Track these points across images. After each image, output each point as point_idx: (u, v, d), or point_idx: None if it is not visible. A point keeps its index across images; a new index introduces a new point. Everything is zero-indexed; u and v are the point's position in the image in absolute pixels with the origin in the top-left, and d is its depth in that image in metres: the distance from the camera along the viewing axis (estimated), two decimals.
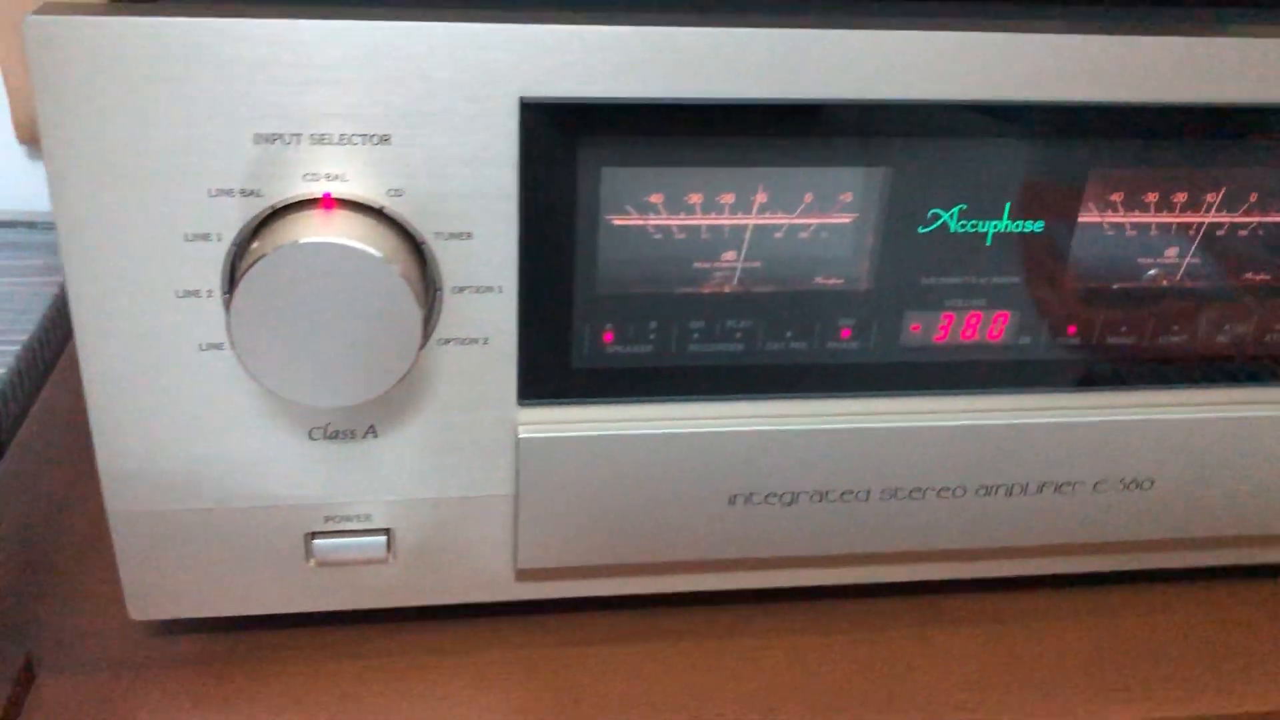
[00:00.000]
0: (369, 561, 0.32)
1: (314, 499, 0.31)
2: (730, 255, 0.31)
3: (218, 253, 0.28)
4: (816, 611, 0.36)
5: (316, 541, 0.32)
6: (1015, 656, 0.35)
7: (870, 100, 0.29)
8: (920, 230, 0.31)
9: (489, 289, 0.29)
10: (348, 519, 0.32)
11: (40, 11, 0.25)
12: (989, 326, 0.32)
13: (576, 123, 0.28)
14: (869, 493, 0.33)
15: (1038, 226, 0.31)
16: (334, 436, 0.30)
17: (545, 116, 0.27)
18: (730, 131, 0.29)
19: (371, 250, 0.26)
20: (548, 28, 0.27)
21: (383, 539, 0.32)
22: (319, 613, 0.33)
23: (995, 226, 0.31)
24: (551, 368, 0.31)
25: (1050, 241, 0.31)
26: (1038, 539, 0.35)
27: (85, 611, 0.35)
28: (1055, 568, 0.36)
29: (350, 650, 0.34)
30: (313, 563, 0.32)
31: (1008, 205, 0.31)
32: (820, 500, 0.33)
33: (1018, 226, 0.31)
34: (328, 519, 0.32)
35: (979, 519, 0.34)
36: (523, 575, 0.33)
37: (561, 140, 0.28)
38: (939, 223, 0.31)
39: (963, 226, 0.31)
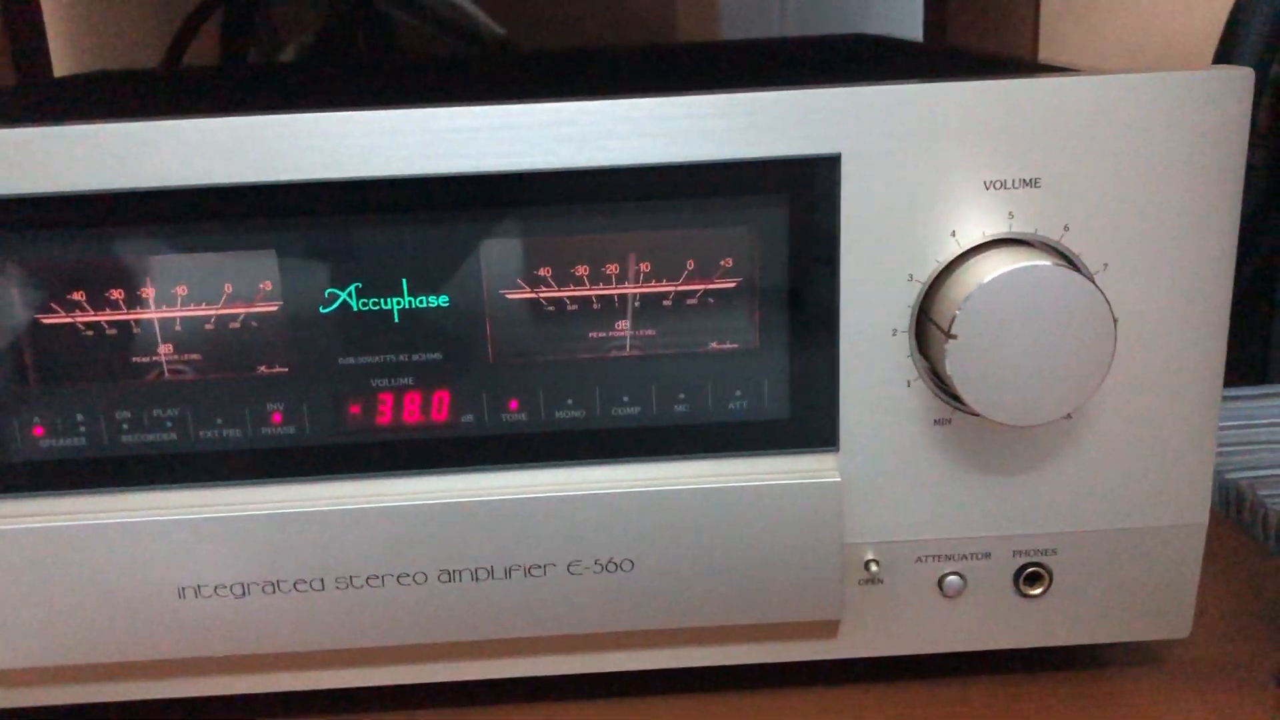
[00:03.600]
0: None
1: None
2: (165, 349, 0.32)
3: None
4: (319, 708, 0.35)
5: None
6: None
7: (229, 183, 0.30)
8: (322, 311, 0.31)
9: None
10: None
11: None
12: (431, 406, 0.32)
13: None
14: (322, 582, 0.33)
15: (443, 300, 0.32)
16: None
17: None
18: (128, 227, 0.30)
19: None
20: None
21: None
22: None
23: (398, 303, 0.31)
24: None
25: (462, 316, 0.32)
26: (518, 630, 0.33)
27: None
28: (559, 668, 0.35)
29: None
30: None
31: (404, 280, 0.31)
32: (273, 592, 0.33)
33: (421, 302, 0.32)
34: None
35: (448, 609, 0.33)
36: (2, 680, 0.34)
37: None
38: (339, 302, 0.31)
39: (367, 305, 0.32)
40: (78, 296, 0.32)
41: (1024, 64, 0.39)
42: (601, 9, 0.78)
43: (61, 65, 0.71)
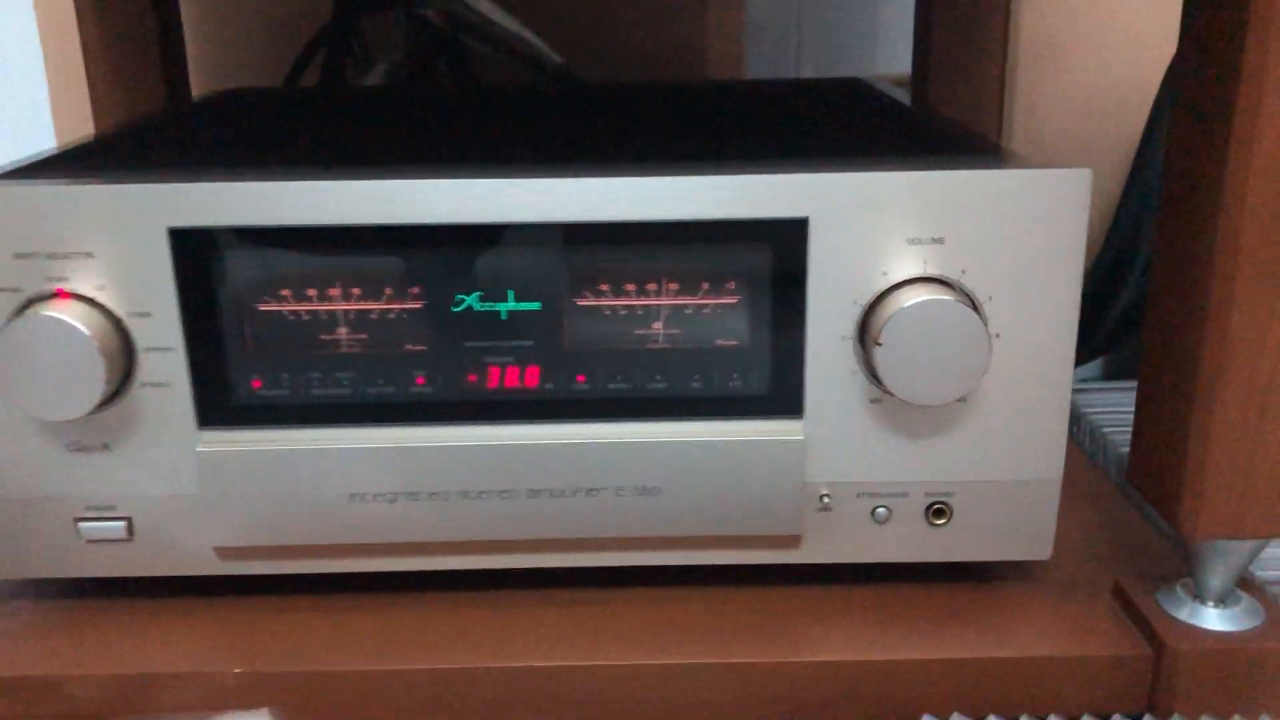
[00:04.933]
0: (115, 540, 0.48)
1: (75, 493, 0.48)
2: (343, 331, 0.47)
3: None
4: (437, 586, 0.50)
5: (80, 524, 0.48)
6: (582, 622, 0.49)
7: (394, 224, 0.45)
8: (454, 310, 0.46)
9: (166, 349, 0.46)
10: (99, 508, 0.48)
11: None
12: (525, 376, 0.47)
13: (208, 243, 0.45)
14: (448, 493, 0.48)
15: (536, 305, 0.46)
16: (82, 449, 0.47)
17: (186, 239, 0.45)
18: (322, 246, 0.45)
19: (68, 318, 0.44)
20: (183, 186, 0.44)
21: (123, 524, 0.48)
22: (99, 580, 0.50)
23: (505, 307, 0.46)
24: (217, 404, 0.47)
25: (549, 316, 0.46)
26: (582, 532, 0.48)
27: None
28: (607, 560, 0.50)
29: (108, 605, 0.50)
30: (83, 541, 0.49)
31: (510, 292, 0.46)
32: (414, 500, 0.48)
33: (521, 306, 0.46)
34: (88, 508, 0.48)
35: (534, 515, 0.48)
36: (223, 555, 0.49)
37: (199, 254, 0.45)
38: (464, 305, 0.46)
39: (485, 307, 0.46)
40: (286, 293, 0.46)
41: (950, 142, 0.53)
42: (643, 46, 0.92)
43: (195, 79, 0.86)
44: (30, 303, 0.45)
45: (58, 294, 0.45)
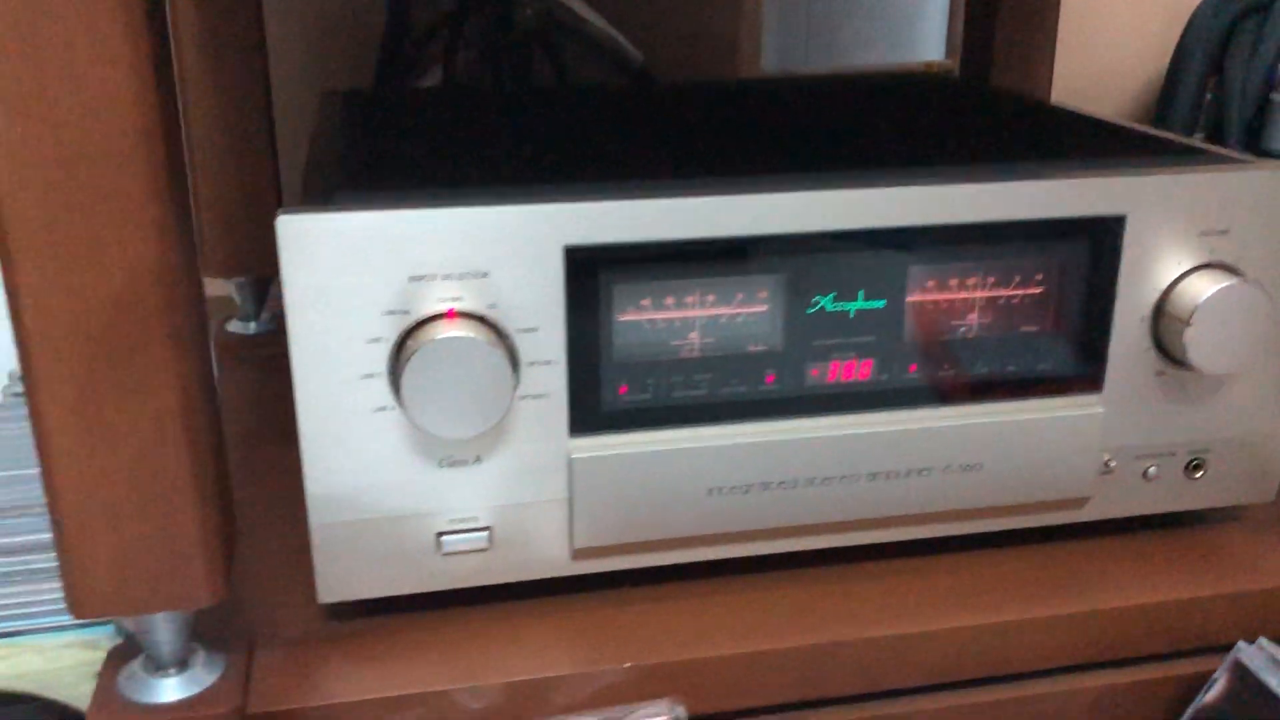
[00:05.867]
0: (475, 550, 0.50)
1: (440, 508, 0.49)
2: (694, 335, 0.50)
3: (385, 349, 0.46)
4: (778, 568, 0.54)
5: (443, 538, 0.49)
6: (915, 591, 0.53)
7: (764, 234, 0.48)
8: (808, 311, 0.50)
9: (548, 362, 0.47)
10: (462, 520, 0.49)
11: (286, 212, 0.44)
12: (859, 370, 0.51)
13: (598, 259, 0.47)
14: (796, 481, 0.51)
15: (881, 304, 0.50)
16: (455, 464, 0.48)
17: (580, 256, 0.46)
18: (686, 259, 0.48)
19: (480, 338, 0.45)
20: (582, 205, 0.46)
21: (485, 534, 0.49)
22: (447, 592, 0.51)
23: (854, 306, 0.50)
24: (589, 411, 0.49)
25: (890, 313, 0.50)
26: (912, 509, 0.53)
27: (284, 601, 0.52)
28: (929, 533, 0.54)
29: (461, 615, 0.51)
30: (441, 554, 0.49)
31: (861, 292, 0.50)
32: (765, 489, 0.51)
33: (869, 305, 0.50)
34: (450, 521, 0.49)
35: (872, 496, 0.52)
36: (577, 555, 0.51)
37: (589, 270, 0.47)
38: (818, 306, 0.50)
39: (836, 307, 0.50)
40: (645, 303, 0.49)
41: (1213, 156, 0.59)
42: (670, 41, 0.96)
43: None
44: (419, 324, 0.46)
45: (448, 315, 0.46)
